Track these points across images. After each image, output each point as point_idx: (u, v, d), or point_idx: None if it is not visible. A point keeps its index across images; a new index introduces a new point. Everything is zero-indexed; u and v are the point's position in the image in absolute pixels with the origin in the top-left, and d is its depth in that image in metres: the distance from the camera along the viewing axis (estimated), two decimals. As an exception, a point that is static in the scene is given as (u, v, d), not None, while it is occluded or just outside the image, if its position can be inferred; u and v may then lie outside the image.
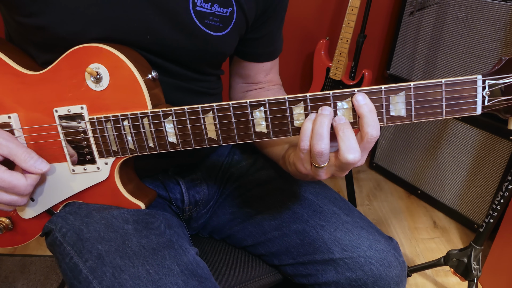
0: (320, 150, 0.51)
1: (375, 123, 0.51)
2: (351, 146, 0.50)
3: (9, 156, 0.56)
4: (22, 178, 0.57)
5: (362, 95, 0.51)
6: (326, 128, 0.51)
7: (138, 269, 0.55)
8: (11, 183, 0.56)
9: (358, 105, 0.51)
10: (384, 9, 1.86)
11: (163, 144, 0.59)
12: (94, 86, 0.58)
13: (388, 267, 0.65)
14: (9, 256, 1.47)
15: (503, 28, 1.36)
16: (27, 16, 0.57)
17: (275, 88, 0.85)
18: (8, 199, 0.58)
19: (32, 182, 0.58)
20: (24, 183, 0.57)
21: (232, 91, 0.87)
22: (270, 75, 0.83)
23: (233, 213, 0.79)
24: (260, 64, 0.80)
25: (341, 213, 0.71)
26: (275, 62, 0.83)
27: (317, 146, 0.51)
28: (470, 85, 0.50)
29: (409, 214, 1.78)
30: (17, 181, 0.56)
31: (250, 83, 0.84)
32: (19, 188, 0.56)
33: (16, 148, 0.57)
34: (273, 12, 0.73)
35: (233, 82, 0.86)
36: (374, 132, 0.51)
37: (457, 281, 1.41)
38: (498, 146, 1.47)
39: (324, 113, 0.52)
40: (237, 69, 0.83)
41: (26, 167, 0.57)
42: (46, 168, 0.59)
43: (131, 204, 0.65)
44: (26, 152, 0.57)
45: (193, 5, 0.62)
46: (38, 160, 0.58)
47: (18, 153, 0.57)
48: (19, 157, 0.56)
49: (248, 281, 0.74)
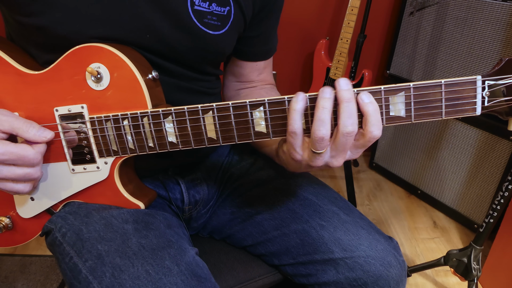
0: (321, 136, 0.50)
1: (379, 123, 0.51)
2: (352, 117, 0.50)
3: (11, 131, 0.56)
4: (28, 147, 0.56)
5: (367, 94, 0.51)
6: (328, 113, 0.50)
7: (137, 269, 0.55)
8: (19, 154, 0.55)
9: (363, 103, 0.51)
10: (384, 9, 1.86)
11: (163, 144, 0.59)
12: (95, 86, 0.58)
13: (388, 267, 0.65)
14: (9, 256, 1.47)
15: (503, 28, 1.36)
16: (27, 15, 0.57)
17: (268, 87, 0.85)
18: (22, 172, 0.56)
19: (40, 150, 0.57)
20: (32, 151, 0.56)
21: (225, 89, 0.87)
22: (264, 74, 0.83)
23: (233, 213, 0.79)
24: (254, 63, 0.81)
25: (341, 213, 0.71)
26: (269, 61, 0.83)
27: (318, 132, 0.50)
28: (470, 85, 0.50)
29: (409, 214, 1.78)
30: (24, 151, 0.55)
31: (243, 82, 0.84)
32: (28, 157, 0.56)
33: (16, 121, 0.56)
34: (270, 11, 0.73)
35: (226, 80, 0.86)
36: (377, 132, 0.51)
37: (457, 281, 1.41)
38: (498, 146, 1.47)
39: (325, 96, 0.51)
40: (231, 67, 0.83)
41: (30, 137, 0.56)
42: (50, 135, 0.58)
43: (130, 204, 0.65)
44: (27, 123, 0.57)
45: (192, 4, 0.62)
46: (40, 129, 0.58)
47: (19, 125, 0.56)
48: (21, 128, 0.56)
49: (248, 281, 0.74)
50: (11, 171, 0.56)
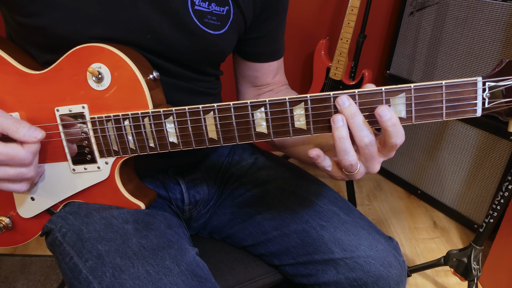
0: (349, 164, 0.51)
1: (401, 133, 0.51)
2: (364, 132, 0.50)
3: (1, 131, 0.54)
4: (18, 147, 0.55)
5: (386, 109, 0.50)
6: (348, 141, 0.51)
7: (138, 269, 0.55)
8: (9, 154, 0.54)
9: (381, 120, 0.50)
10: (384, 9, 1.86)
11: (164, 144, 0.59)
12: (96, 86, 0.58)
13: (388, 267, 0.65)
14: (9, 256, 1.47)
15: (503, 28, 1.36)
16: (27, 16, 0.57)
17: (284, 88, 0.85)
18: (14, 172, 0.55)
19: (31, 149, 0.56)
20: (23, 151, 0.55)
21: (242, 98, 0.86)
22: (278, 75, 0.84)
23: (233, 213, 0.79)
24: (266, 65, 0.80)
25: (341, 213, 0.71)
26: (281, 62, 0.83)
27: (345, 161, 0.51)
28: (470, 87, 0.50)
29: (409, 214, 1.78)
30: (14, 151, 0.54)
31: (259, 86, 0.83)
32: (19, 157, 0.54)
33: (6, 121, 0.54)
34: (273, 11, 0.73)
35: (243, 88, 0.85)
36: (399, 141, 0.51)
37: (457, 281, 1.42)
38: (498, 146, 1.47)
39: (338, 126, 0.51)
40: (246, 73, 0.82)
41: (20, 137, 0.54)
42: (41, 135, 0.56)
43: (131, 204, 0.65)
44: (16, 122, 0.55)
45: (192, 5, 0.62)
46: (31, 128, 0.55)
47: (8, 125, 0.54)
48: (11, 128, 0.54)
49: (248, 281, 0.74)
50: (3, 171, 0.55)
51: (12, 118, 0.56)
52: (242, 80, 0.85)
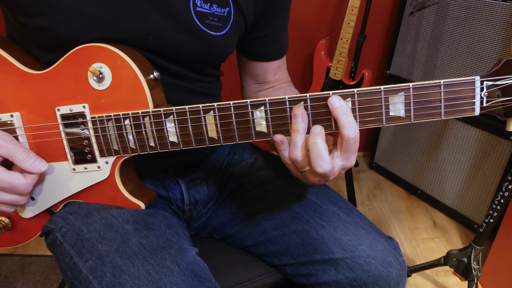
0: (294, 158, 0.55)
1: (353, 125, 0.52)
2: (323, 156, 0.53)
3: (8, 157, 0.57)
4: (21, 177, 0.57)
5: (337, 97, 0.53)
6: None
7: (138, 269, 0.55)
8: (11, 183, 0.56)
9: (332, 108, 0.53)
10: (384, 9, 1.86)
11: (164, 144, 0.59)
12: (97, 86, 0.58)
13: (388, 267, 0.65)
14: (9, 256, 1.47)
15: (503, 28, 1.36)
16: (30, 17, 0.57)
17: (285, 85, 0.86)
18: (9, 199, 0.58)
19: (32, 181, 0.59)
20: (24, 182, 0.57)
21: (244, 92, 0.88)
22: (279, 73, 0.84)
23: (233, 213, 0.79)
24: (268, 64, 0.81)
25: (341, 213, 0.71)
26: (282, 60, 0.84)
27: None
28: (469, 86, 0.51)
29: (409, 214, 1.78)
30: (16, 180, 0.57)
31: (260, 83, 0.85)
32: (19, 187, 0.57)
33: (15, 149, 0.57)
34: (276, 11, 0.73)
35: (245, 83, 0.87)
36: (351, 134, 0.52)
37: (457, 281, 1.42)
38: (498, 146, 1.47)
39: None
40: (247, 68, 0.84)
41: (25, 167, 0.57)
42: (45, 168, 0.59)
43: (131, 204, 0.65)
44: (24, 152, 0.58)
45: (194, 6, 0.62)
46: (37, 160, 0.59)
47: (16, 153, 0.57)
48: (17, 157, 0.57)
49: (248, 281, 0.74)
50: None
51: (22, 147, 0.59)
52: (244, 75, 0.86)
